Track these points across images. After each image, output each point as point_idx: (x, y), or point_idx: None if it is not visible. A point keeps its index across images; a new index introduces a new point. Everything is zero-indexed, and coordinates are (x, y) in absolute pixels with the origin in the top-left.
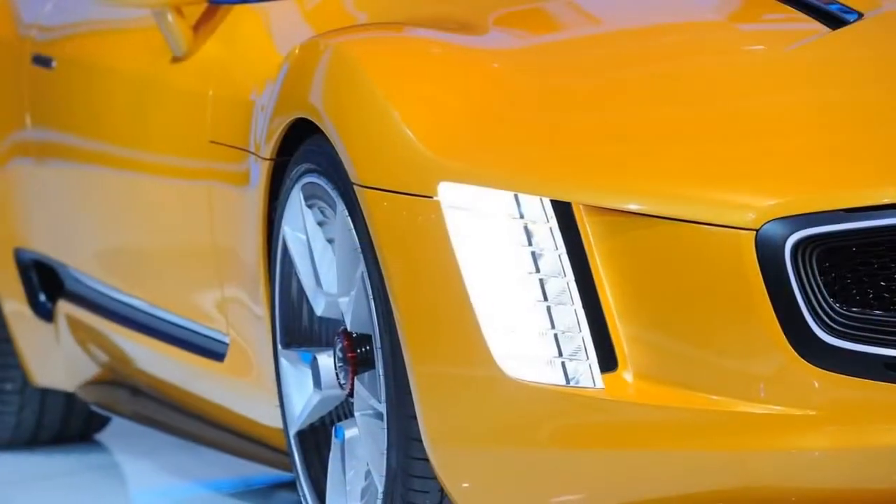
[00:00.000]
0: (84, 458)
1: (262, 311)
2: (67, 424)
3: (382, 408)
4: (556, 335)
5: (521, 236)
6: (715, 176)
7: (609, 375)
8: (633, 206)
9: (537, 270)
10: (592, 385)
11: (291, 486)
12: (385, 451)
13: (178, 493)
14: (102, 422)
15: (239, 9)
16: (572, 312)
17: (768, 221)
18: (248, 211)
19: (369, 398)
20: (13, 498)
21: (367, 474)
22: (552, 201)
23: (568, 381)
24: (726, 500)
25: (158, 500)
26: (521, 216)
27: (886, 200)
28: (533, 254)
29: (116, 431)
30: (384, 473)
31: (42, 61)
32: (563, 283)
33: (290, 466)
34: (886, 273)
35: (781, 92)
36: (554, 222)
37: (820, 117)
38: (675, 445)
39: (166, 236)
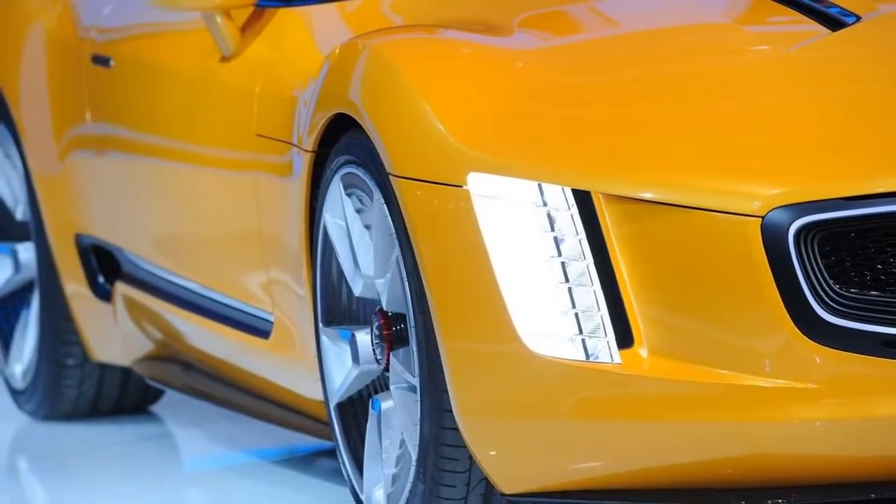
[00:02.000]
0: (139, 429)
1: (305, 291)
2: (124, 397)
3: (416, 381)
4: (576, 314)
5: (544, 223)
6: (723, 167)
7: (626, 351)
8: (648, 195)
9: (559, 254)
10: (610, 360)
11: (332, 453)
12: (418, 422)
13: (226, 460)
14: (157, 394)
15: (284, 11)
16: (591, 293)
17: (773, 209)
18: (292, 199)
19: (404, 373)
20: (74, 465)
21: (402, 443)
22: (573, 190)
23: (588, 356)
24: (734, 467)
25: (208, 467)
26: (545, 204)
27: (881, 189)
28: (555, 239)
29: (170, 403)
30: (417, 442)
31: (101, 61)
32: (583, 265)
33: (330, 436)
34: (882, 257)
35: (784, 89)
36: (575, 210)
37: (820, 113)
38: (686, 416)
39: (216, 223)
